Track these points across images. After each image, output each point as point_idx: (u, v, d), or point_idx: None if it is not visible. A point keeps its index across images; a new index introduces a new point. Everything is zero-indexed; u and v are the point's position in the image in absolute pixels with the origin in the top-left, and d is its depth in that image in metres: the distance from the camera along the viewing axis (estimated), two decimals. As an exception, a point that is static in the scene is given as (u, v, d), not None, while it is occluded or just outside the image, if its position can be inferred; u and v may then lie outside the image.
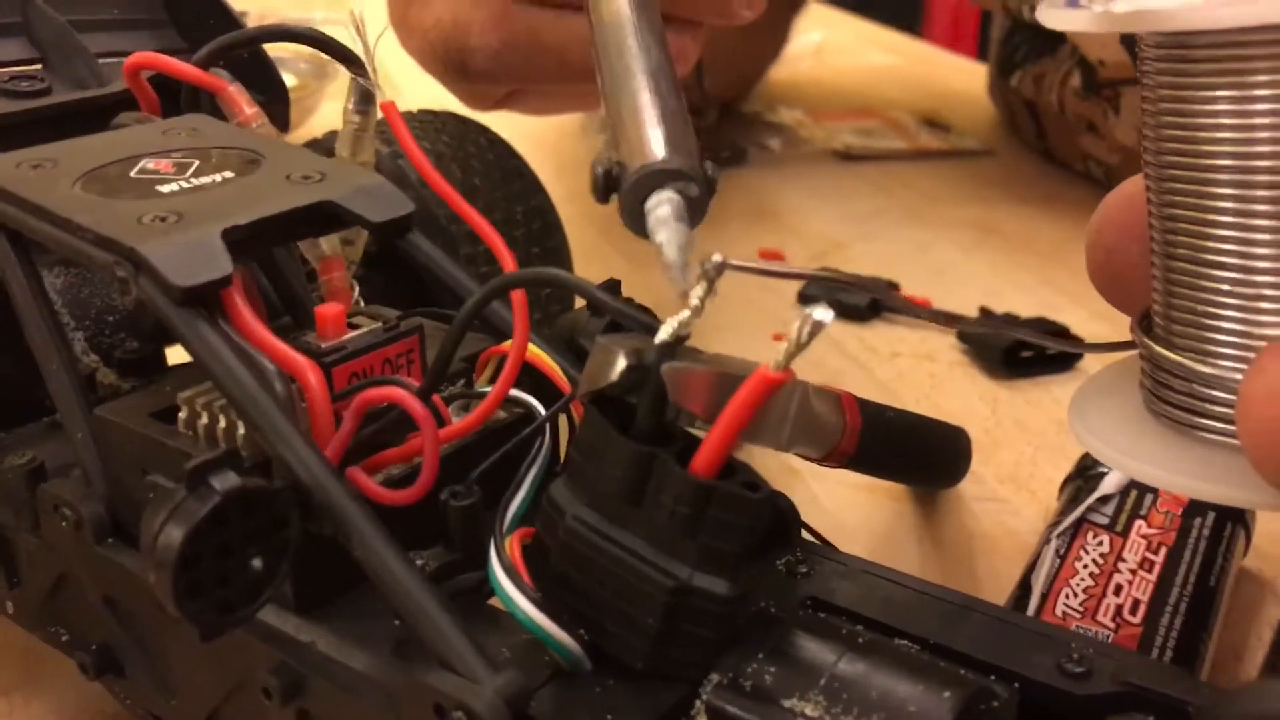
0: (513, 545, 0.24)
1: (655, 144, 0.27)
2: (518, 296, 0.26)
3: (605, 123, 0.31)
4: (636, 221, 0.28)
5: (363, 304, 0.38)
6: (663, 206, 0.27)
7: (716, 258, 0.24)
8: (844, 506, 0.44)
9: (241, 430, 0.26)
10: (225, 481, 0.22)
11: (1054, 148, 0.79)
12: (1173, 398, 0.25)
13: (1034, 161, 0.81)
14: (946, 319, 0.32)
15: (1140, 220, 0.26)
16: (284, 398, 0.25)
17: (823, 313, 0.22)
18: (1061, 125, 0.76)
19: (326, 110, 0.80)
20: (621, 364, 0.23)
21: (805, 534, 0.29)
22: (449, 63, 0.48)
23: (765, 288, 0.63)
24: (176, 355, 0.36)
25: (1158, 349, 0.25)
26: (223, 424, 0.26)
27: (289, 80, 0.71)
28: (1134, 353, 0.27)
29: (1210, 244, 0.23)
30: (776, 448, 0.28)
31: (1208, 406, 0.24)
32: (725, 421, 0.22)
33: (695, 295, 0.24)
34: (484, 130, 0.49)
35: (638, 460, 0.23)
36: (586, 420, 0.24)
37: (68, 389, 0.29)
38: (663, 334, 0.23)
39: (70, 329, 0.35)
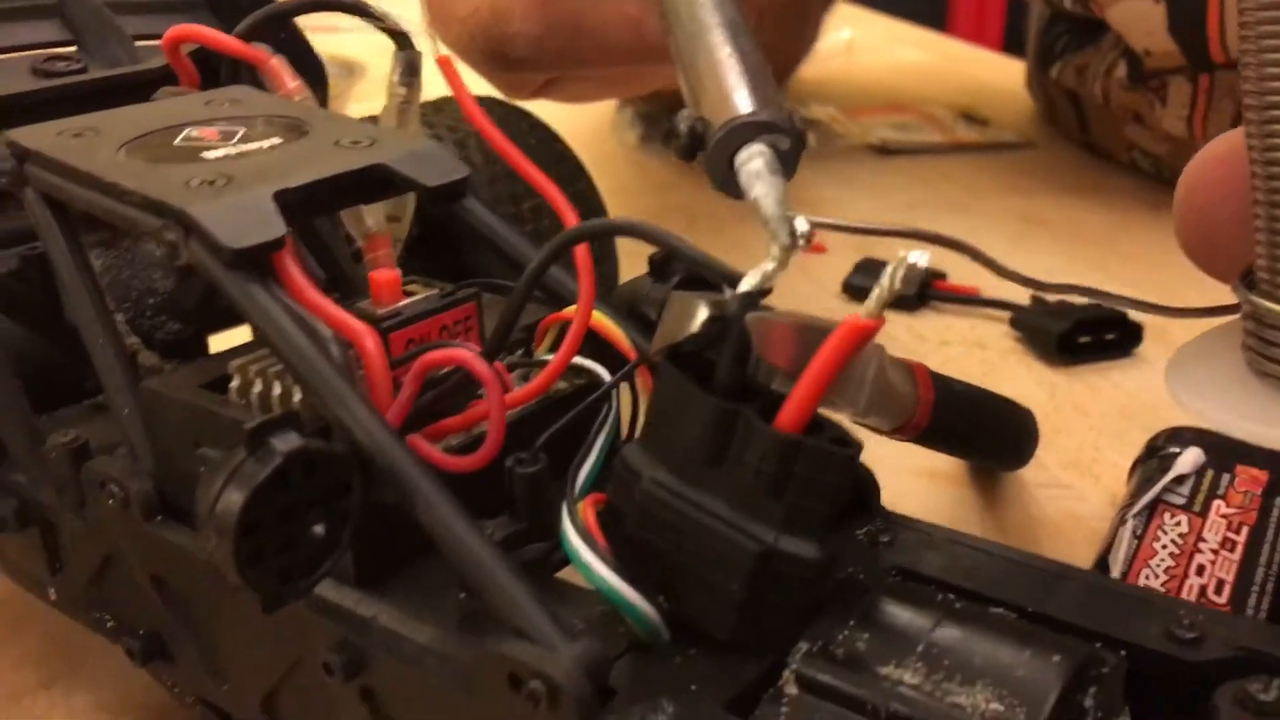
0: (586, 510, 0.23)
1: (741, 97, 0.26)
2: (583, 256, 0.25)
3: (682, 85, 0.30)
4: (726, 179, 0.27)
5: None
6: (755, 160, 0.26)
7: (803, 221, 0.23)
8: (903, 492, 0.42)
9: (298, 397, 0.25)
10: (287, 442, 0.22)
11: (1097, 139, 0.78)
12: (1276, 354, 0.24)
13: (1075, 153, 0.80)
14: (1021, 280, 0.31)
15: (1233, 178, 0.25)
16: (341, 363, 0.24)
17: (918, 255, 0.21)
18: (1105, 116, 0.75)
19: (355, 111, 0.80)
20: (703, 313, 0.22)
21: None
22: (489, 52, 0.48)
23: (808, 278, 0.62)
24: (217, 343, 0.35)
25: (1267, 304, 0.24)
26: (278, 391, 0.25)
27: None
28: (1231, 319, 0.26)
29: None
30: (853, 414, 0.27)
31: None
32: (814, 373, 0.21)
33: (778, 248, 0.23)
34: (526, 115, 0.48)
35: (719, 417, 0.22)
36: (663, 377, 0.23)
37: (113, 363, 0.28)
38: (746, 283, 0.22)
39: (111, 310, 0.34)
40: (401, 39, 0.34)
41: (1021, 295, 0.57)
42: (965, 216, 0.70)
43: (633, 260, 0.50)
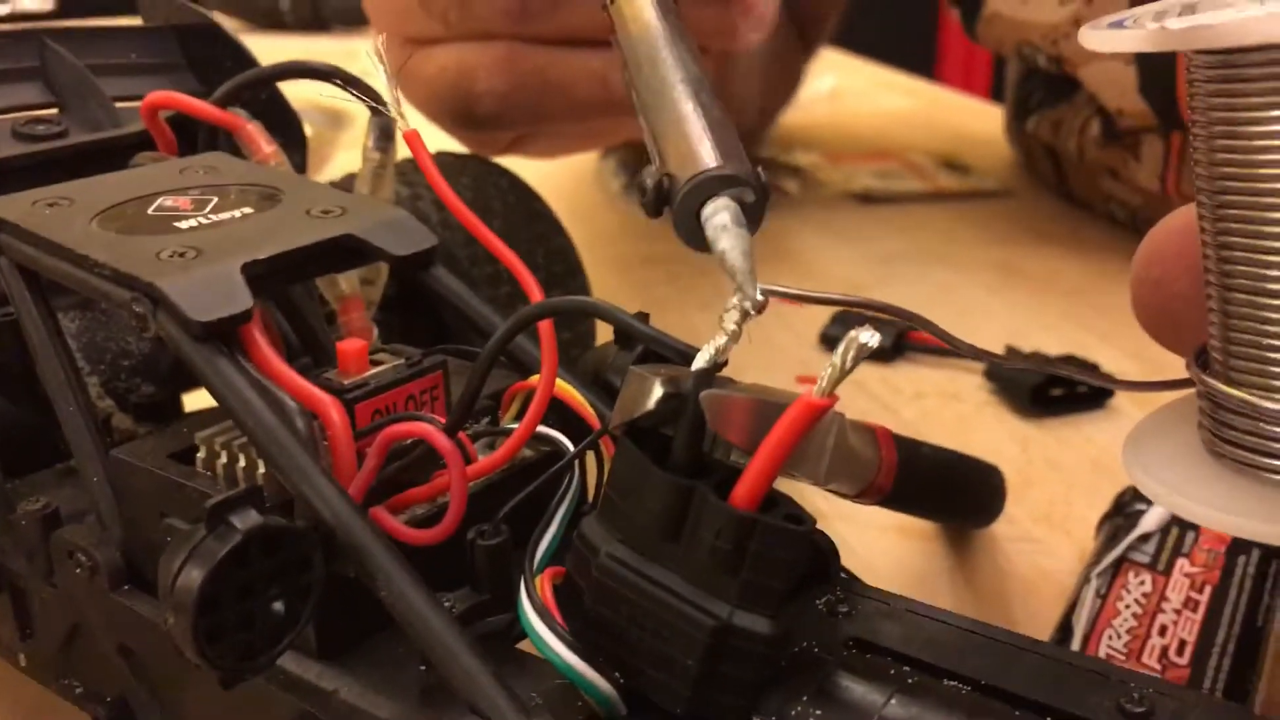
0: (543, 584, 0.23)
1: (705, 151, 0.27)
2: (545, 328, 0.25)
3: (647, 141, 0.30)
4: (693, 233, 0.27)
5: (379, 344, 0.38)
6: (720, 214, 0.26)
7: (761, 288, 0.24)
8: (874, 549, 0.43)
9: (262, 470, 0.25)
10: (247, 520, 0.22)
11: (1075, 189, 0.79)
12: (1235, 437, 0.24)
13: (1054, 202, 0.81)
14: (974, 354, 0.31)
15: (1188, 252, 0.25)
16: (305, 435, 0.24)
17: (868, 335, 0.21)
18: (1082, 169, 0.76)
19: (342, 160, 0.80)
20: (658, 391, 0.22)
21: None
22: (456, 111, 0.48)
23: (786, 328, 0.62)
24: (193, 402, 0.35)
25: (1218, 385, 0.24)
26: (243, 463, 0.26)
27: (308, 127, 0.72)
28: (1189, 393, 0.26)
29: (1272, 272, 0.22)
30: (814, 482, 0.27)
31: (1274, 445, 0.23)
32: (767, 450, 0.22)
33: (731, 321, 0.23)
34: (504, 173, 0.48)
35: (675, 493, 0.22)
36: (620, 452, 0.23)
37: (83, 430, 0.28)
38: (700, 360, 0.22)
39: (85, 373, 0.34)
40: (377, 104, 0.34)
41: (996, 346, 0.57)
42: (944, 266, 0.70)
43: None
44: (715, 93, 0.30)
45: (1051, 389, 0.52)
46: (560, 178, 0.82)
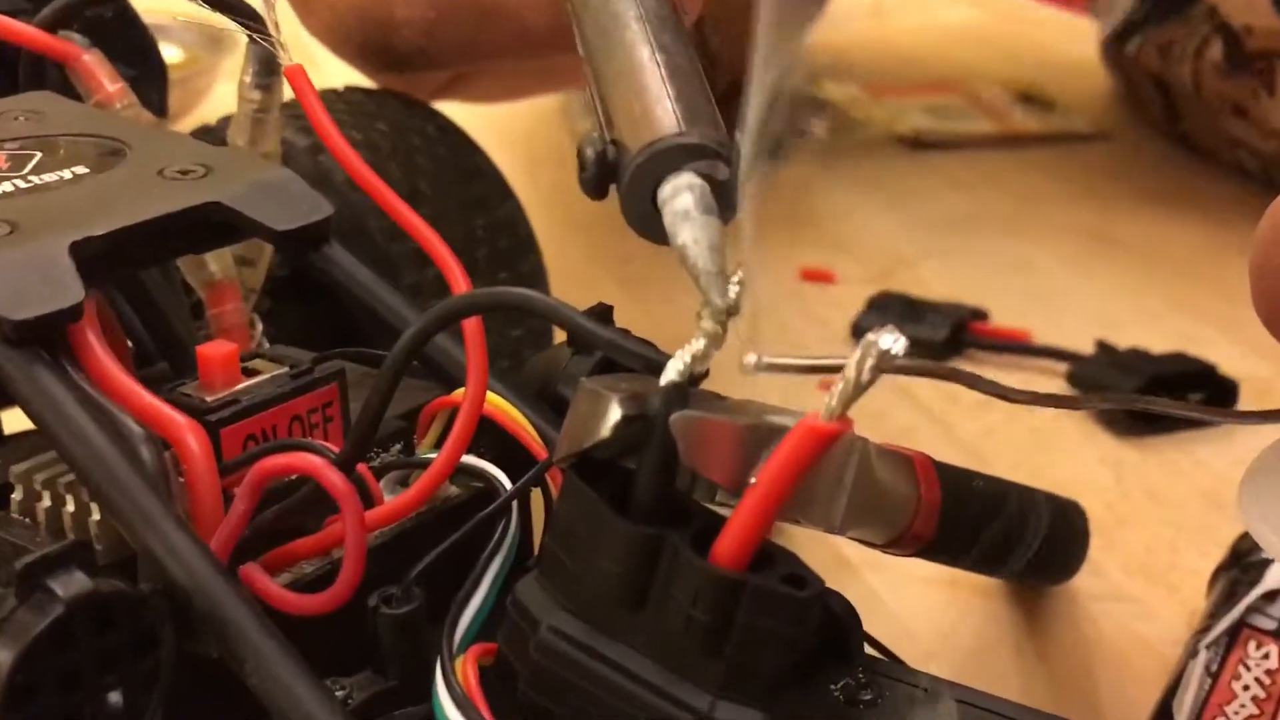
0: (466, 669, 0.23)
1: (664, 112, 0.27)
2: (472, 329, 0.25)
3: (591, 98, 0.30)
4: (646, 220, 0.27)
5: (266, 345, 0.38)
6: (681, 196, 0.26)
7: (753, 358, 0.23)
8: (915, 608, 0.43)
9: (96, 517, 0.25)
10: (71, 585, 0.22)
11: (1190, 132, 0.79)
12: None
13: (1164, 149, 0.81)
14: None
15: None
16: (154, 469, 0.24)
17: (890, 339, 0.21)
18: (1198, 106, 0.76)
19: (222, 93, 0.80)
20: (616, 414, 0.22)
21: (869, 647, 0.28)
22: (369, 46, 0.48)
23: (807, 315, 0.62)
24: (14, 422, 0.35)
25: None
26: (70, 507, 0.26)
27: (172, 55, 0.72)
28: None
29: None
30: (827, 530, 0.27)
31: None
32: (760, 491, 0.22)
33: (710, 320, 0.23)
34: (433, 116, 0.48)
35: (639, 547, 0.22)
36: (567, 493, 0.23)
37: None
38: (670, 372, 0.22)
39: None
40: (256, 26, 0.34)
41: (1084, 341, 0.57)
42: (1016, 235, 0.70)
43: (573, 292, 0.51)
44: (683, 35, 0.29)
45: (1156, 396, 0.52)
46: (513, 119, 0.82)
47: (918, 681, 0.26)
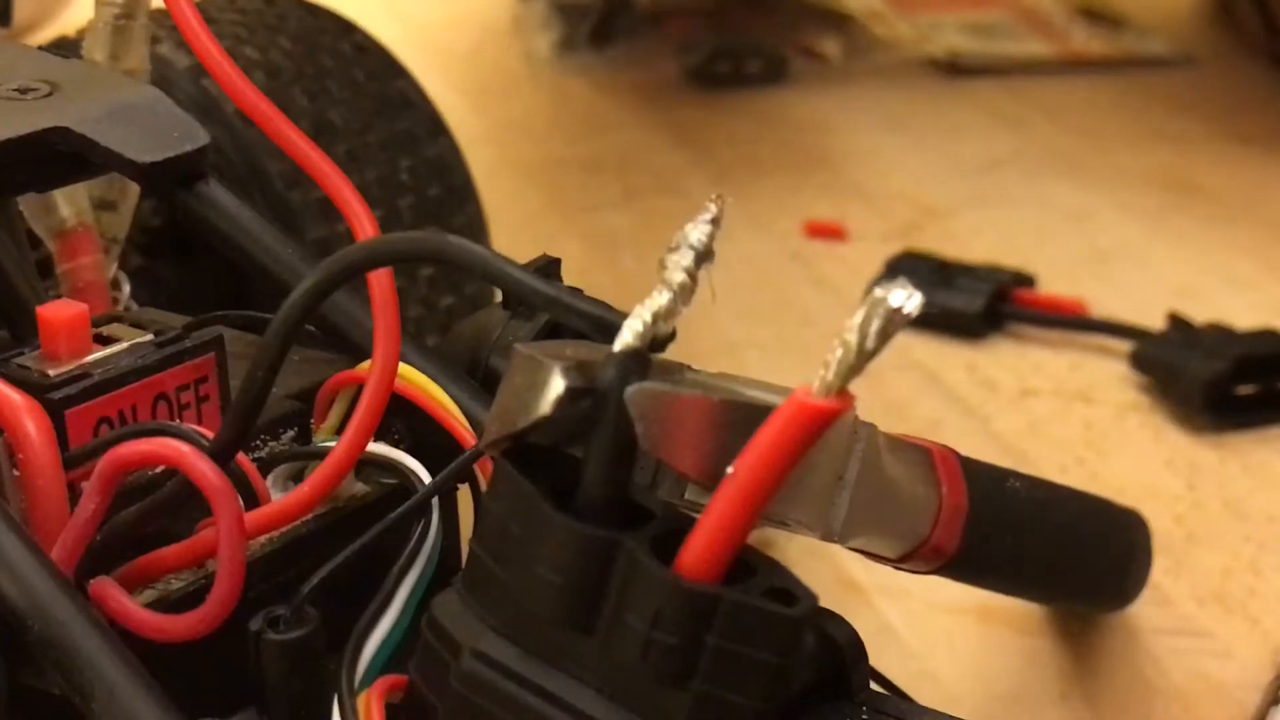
0: (370, 707, 0.23)
1: None
2: (380, 284, 0.25)
3: None
4: None
5: (133, 307, 0.38)
6: None
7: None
8: (937, 644, 0.43)
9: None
10: None
11: None
12: None
13: (1261, 77, 0.81)
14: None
15: None
16: (-20, 459, 0.24)
17: (902, 295, 0.21)
18: None
19: (79, 9, 0.80)
20: (558, 386, 0.22)
21: (875, 682, 0.28)
22: None
23: (815, 282, 0.62)
24: None
25: None
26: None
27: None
28: None
29: None
30: (824, 537, 0.27)
31: None
32: (739, 485, 0.21)
33: (678, 268, 0.23)
34: (349, 30, 0.48)
35: (587, 552, 0.22)
36: (499, 486, 0.23)
37: None
38: (626, 335, 0.22)
39: None
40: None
41: (1153, 314, 0.58)
42: (1075, 181, 0.71)
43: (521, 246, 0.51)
44: None
45: (1238, 384, 0.53)
46: (455, 32, 0.82)
47: (927, 721, 0.27)
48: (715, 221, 0.23)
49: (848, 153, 0.73)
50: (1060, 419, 0.54)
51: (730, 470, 0.22)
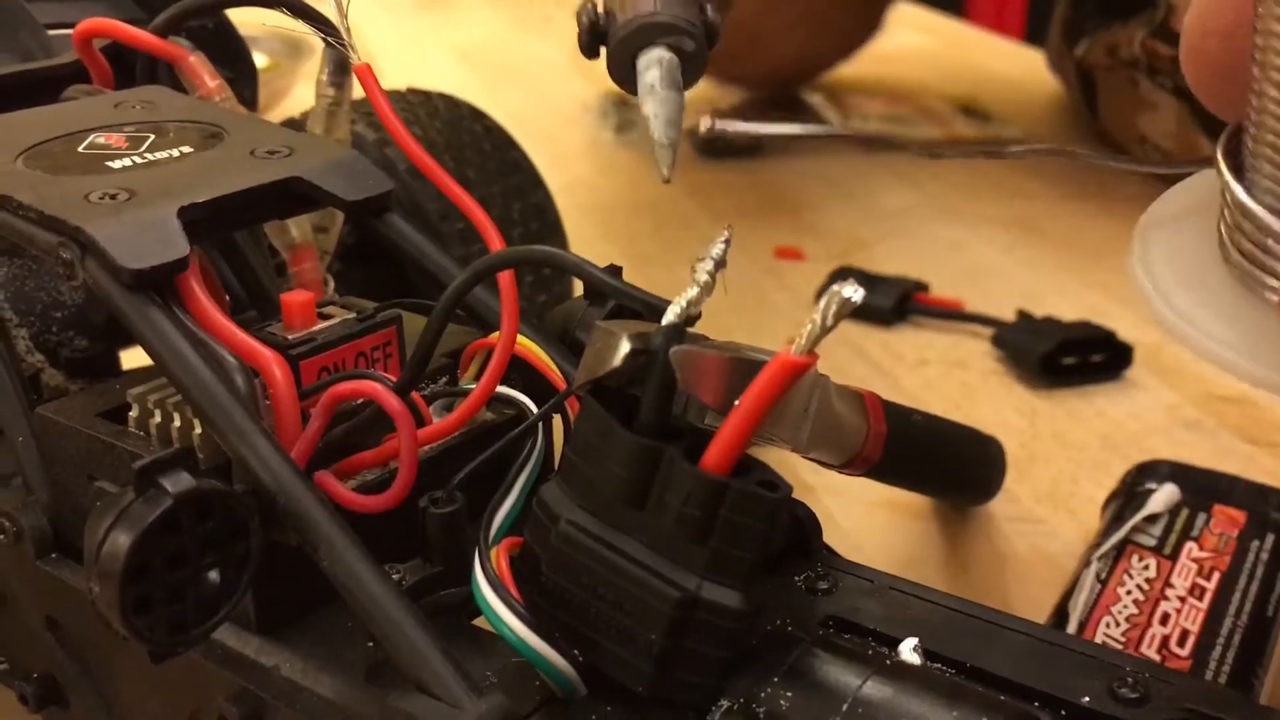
0: (499, 556, 0.23)
1: None
2: (505, 281, 0.25)
3: None
4: (626, 81, 0.27)
5: (337, 298, 0.38)
6: (651, 70, 0.26)
7: (708, 121, 0.23)
8: (862, 525, 0.43)
9: (198, 430, 0.25)
10: (178, 483, 0.22)
11: (1107, 129, 0.78)
12: (1244, 246, 0.21)
13: (1084, 150, 0.81)
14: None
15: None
16: (245, 393, 0.25)
17: (852, 290, 0.21)
18: (1116, 103, 0.76)
19: (301, 93, 0.80)
20: (625, 348, 0.22)
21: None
22: None
23: (782, 288, 0.62)
24: (132, 359, 0.36)
25: (1235, 188, 0.21)
26: (177, 423, 0.26)
27: (259, 60, 0.71)
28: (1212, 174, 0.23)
29: None
30: (794, 449, 0.27)
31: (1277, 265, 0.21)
32: (742, 411, 0.22)
33: (703, 272, 0.23)
34: (480, 116, 0.48)
35: (642, 456, 0.22)
36: (584, 413, 0.23)
37: (7, 385, 0.28)
38: (670, 314, 0.23)
39: (14, 325, 0.35)
40: (332, 33, 0.34)
41: (1007, 310, 0.58)
42: (955, 222, 0.70)
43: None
44: None
45: (1064, 357, 0.53)
46: (538, 117, 0.83)
47: (864, 574, 0.27)
48: (727, 242, 0.23)
49: (803, 202, 0.73)
50: (944, 380, 0.54)
51: (737, 403, 0.22)
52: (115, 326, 0.36)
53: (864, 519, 0.43)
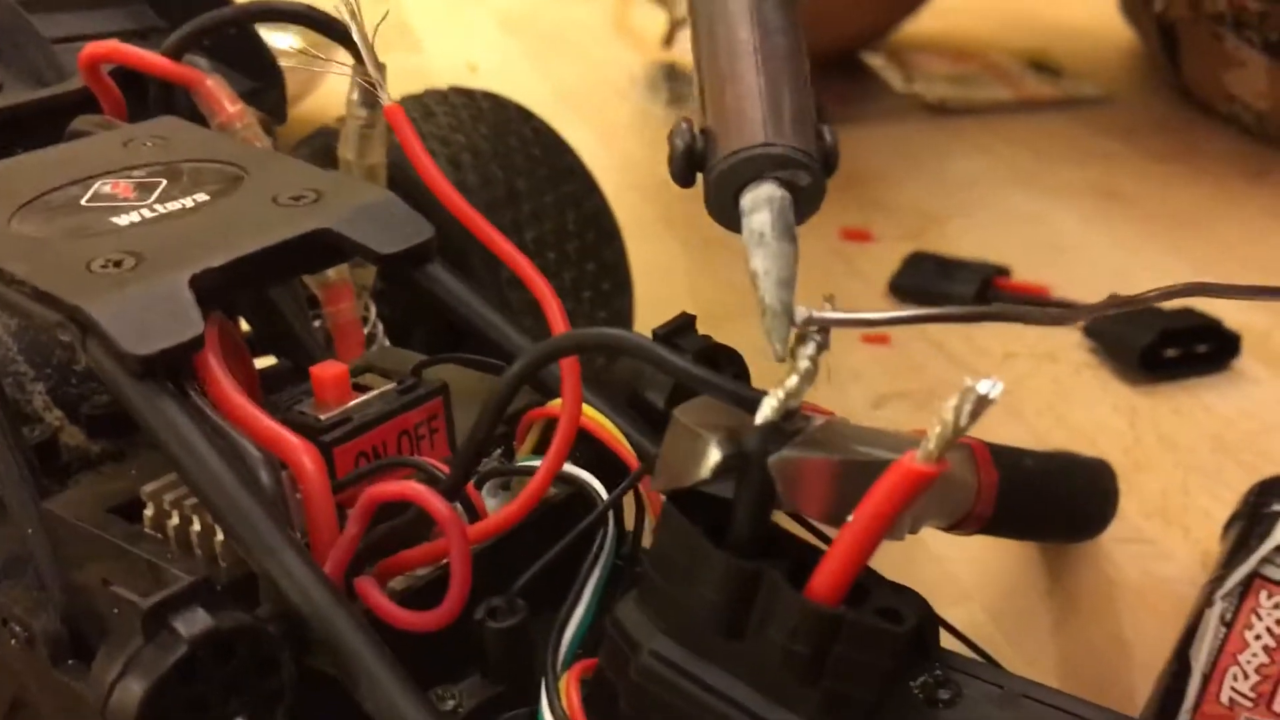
0: (569, 687, 0.20)
1: (753, 112, 0.23)
2: (568, 363, 0.22)
3: (695, 73, 0.26)
4: (729, 217, 0.23)
5: (380, 331, 0.35)
6: (760, 212, 0.22)
7: (804, 311, 0.20)
8: (956, 554, 0.39)
9: (220, 536, 0.22)
10: (193, 624, 0.19)
11: (1192, 86, 0.73)
12: None
13: (1166, 109, 0.75)
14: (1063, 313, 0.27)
15: None
16: (272, 492, 0.21)
17: (989, 385, 0.17)
18: (1202, 59, 0.70)
19: (336, 82, 0.76)
20: (715, 457, 0.19)
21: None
22: None
23: (853, 274, 0.58)
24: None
25: None
26: (197, 526, 0.22)
27: (290, 42, 0.67)
28: None
29: None
30: (901, 539, 0.23)
31: None
32: (857, 530, 0.18)
33: (805, 357, 0.20)
34: (529, 117, 0.44)
35: (737, 579, 0.19)
36: (666, 524, 0.20)
37: (14, 475, 0.25)
38: (765, 410, 0.19)
39: (29, 379, 0.31)
40: (359, 56, 0.31)
41: (1095, 293, 0.53)
42: (1032, 191, 0.66)
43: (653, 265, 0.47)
44: (790, 10, 0.25)
45: (1165, 349, 0.48)
46: (584, 93, 0.78)
47: (992, 678, 0.23)
48: (824, 331, 0.19)
49: (870, 173, 0.69)
50: (1034, 375, 0.50)
51: (850, 518, 0.18)
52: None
53: (959, 545, 0.39)
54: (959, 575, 0.39)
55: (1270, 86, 0.66)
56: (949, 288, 0.54)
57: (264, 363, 0.30)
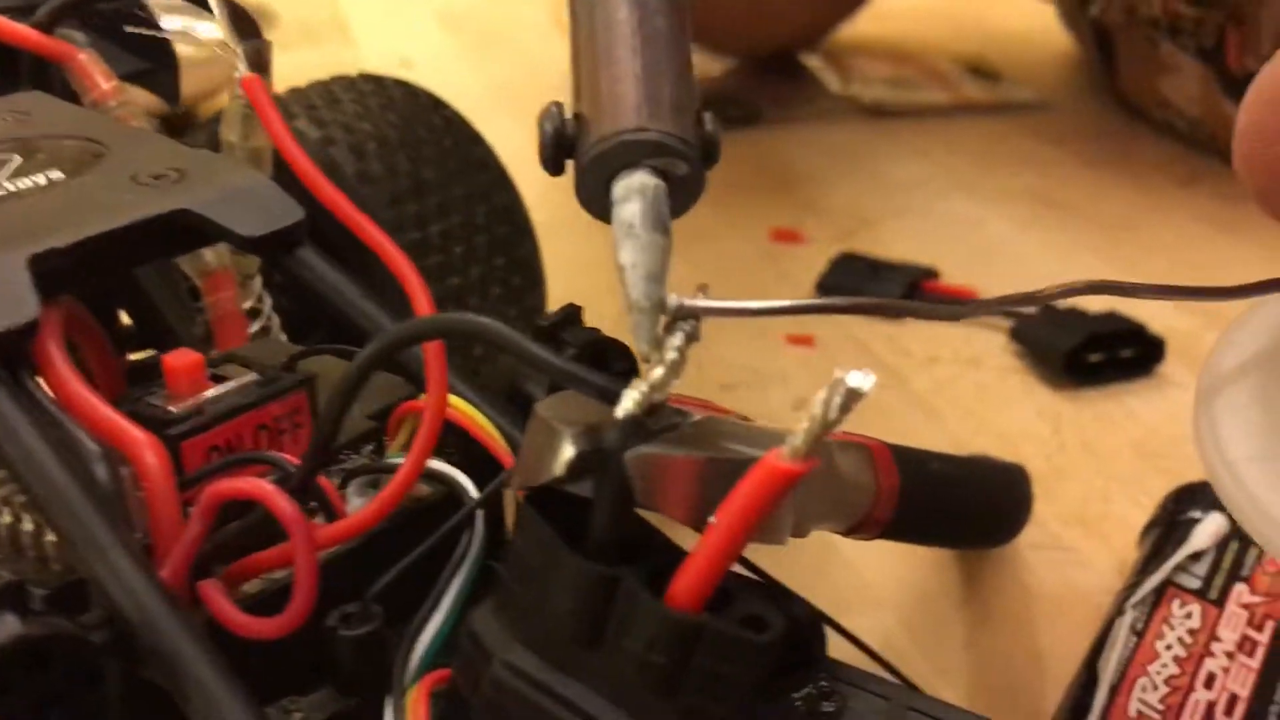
0: (418, 700, 0.19)
1: (627, 96, 0.21)
2: (433, 347, 0.20)
3: (571, 59, 0.25)
4: (599, 207, 0.22)
5: (276, 324, 0.33)
6: (630, 202, 0.20)
7: (675, 299, 0.19)
8: (869, 559, 0.38)
9: (52, 536, 0.20)
10: (3, 629, 0.17)
11: (1127, 92, 0.73)
12: None
13: (1100, 115, 0.75)
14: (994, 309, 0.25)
15: None
16: (108, 489, 0.20)
17: (860, 378, 0.16)
18: (1136, 66, 0.70)
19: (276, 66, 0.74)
20: (569, 452, 0.17)
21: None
22: None
23: (780, 275, 0.57)
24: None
25: None
26: (29, 526, 0.21)
27: (212, 32, 0.65)
28: None
29: None
30: (782, 543, 0.22)
31: None
32: (720, 532, 0.17)
33: (672, 348, 0.18)
34: (440, 107, 0.43)
35: (592, 584, 0.18)
36: (522, 525, 0.18)
37: None
38: (626, 404, 0.18)
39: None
40: (246, 25, 0.29)
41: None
42: (967, 195, 0.65)
43: (574, 274, 0.45)
44: (681, 17, 0.24)
45: (1090, 353, 0.47)
46: (523, 87, 0.77)
47: (881, 690, 0.22)
48: (695, 320, 0.18)
49: (805, 177, 0.68)
50: (958, 382, 0.49)
51: (713, 520, 0.17)
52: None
53: (872, 550, 0.38)
54: (872, 582, 0.37)
55: (1203, 93, 0.66)
56: (876, 289, 0.53)
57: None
